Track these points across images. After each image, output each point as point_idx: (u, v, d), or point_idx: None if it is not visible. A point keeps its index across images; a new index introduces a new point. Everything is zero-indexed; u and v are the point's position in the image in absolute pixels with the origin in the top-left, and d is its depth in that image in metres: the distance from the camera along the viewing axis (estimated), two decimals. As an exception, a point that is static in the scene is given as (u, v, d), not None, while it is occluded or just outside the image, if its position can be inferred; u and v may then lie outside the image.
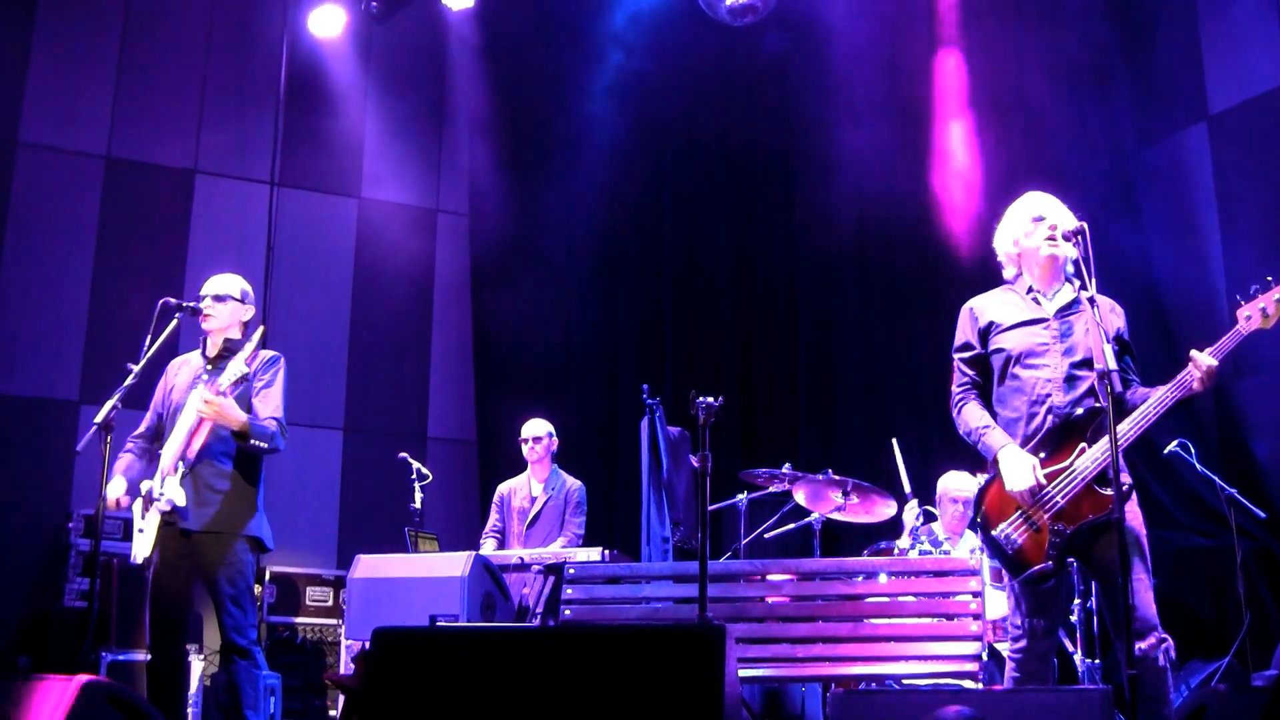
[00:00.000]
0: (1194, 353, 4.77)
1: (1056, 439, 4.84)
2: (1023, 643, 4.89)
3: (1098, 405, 4.77)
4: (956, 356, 5.22)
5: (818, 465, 7.86)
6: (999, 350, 5.06)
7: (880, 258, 10.12)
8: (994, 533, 4.88)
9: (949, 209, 9.60)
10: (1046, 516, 4.77)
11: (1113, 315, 5.09)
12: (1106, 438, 4.62)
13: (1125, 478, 4.85)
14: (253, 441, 5.96)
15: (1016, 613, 4.92)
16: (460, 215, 12.48)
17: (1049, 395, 4.92)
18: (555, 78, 11.70)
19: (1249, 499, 7.06)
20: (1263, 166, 8.21)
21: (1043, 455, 4.84)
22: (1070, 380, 4.91)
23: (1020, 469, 4.80)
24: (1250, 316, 4.80)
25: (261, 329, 6.01)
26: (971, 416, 5.06)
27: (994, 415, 5.05)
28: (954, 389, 5.19)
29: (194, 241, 11.30)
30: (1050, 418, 4.88)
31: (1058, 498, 4.77)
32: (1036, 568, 4.76)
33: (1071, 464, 4.78)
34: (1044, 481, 4.78)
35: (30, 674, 4.77)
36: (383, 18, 11.63)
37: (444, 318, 12.33)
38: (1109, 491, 4.68)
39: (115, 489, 6.04)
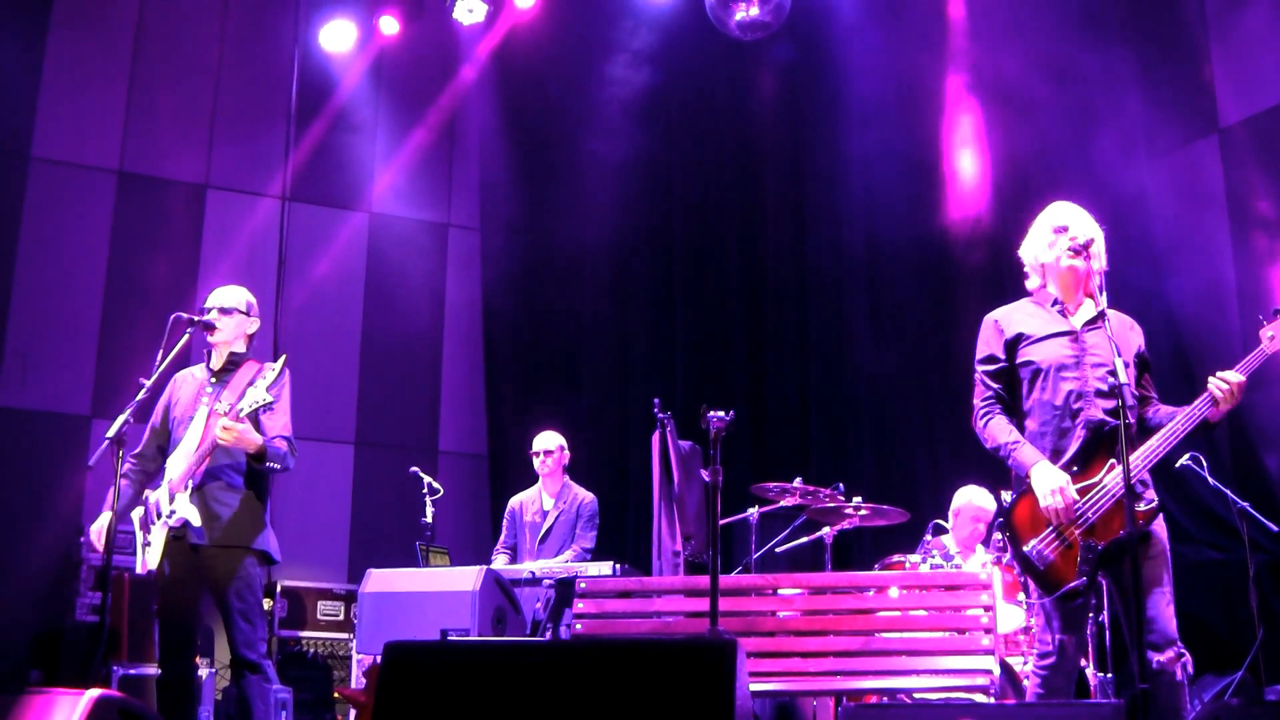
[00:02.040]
0: (1220, 373, 4.79)
1: (1087, 454, 4.83)
2: (1051, 659, 4.87)
3: (1126, 420, 4.76)
4: (981, 369, 5.17)
5: (829, 479, 7.86)
6: (1028, 363, 5.04)
7: (890, 269, 10.12)
8: (1025, 549, 4.85)
9: (959, 221, 9.60)
10: (1078, 532, 4.76)
11: (1132, 334, 5.09)
12: (1136, 452, 4.65)
13: (1151, 494, 4.85)
14: (268, 464, 5.97)
15: (1047, 630, 4.89)
16: (471, 229, 12.49)
17: (1080, 409, 4.90)
18: (566, 91, 11.73)
19: (1261, 512, 7.05)
20: (1274, 179, 8.20)
21: (1074, 470, 4.83)
22: (1099, 394, 4.91)
23: (1054, 487, 4.78)
24: (1274, 336, 4.83)
25: (284, 357, 6.01)
26: (999, 431, 5.02)
27: (1020, 428, 5.04)
28: (977, 402, 5.15)
29: (205, 256, 11.33)
30: (1082, 431, 4.87)
31: (1089, 513, 4.76)
32: (1071, 585, 4.73)
33: (1102, 479, 4.77)
34: (1077, 498, 4.77)
35: (42, 688, 4.78)
36: (394, 32, 11.67)
37: (455, 331, 12.34)
38: (1140, 507, 4.70)
39: (101, 522, 6.01)
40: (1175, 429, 4.80)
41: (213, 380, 6.21)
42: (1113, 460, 4.78)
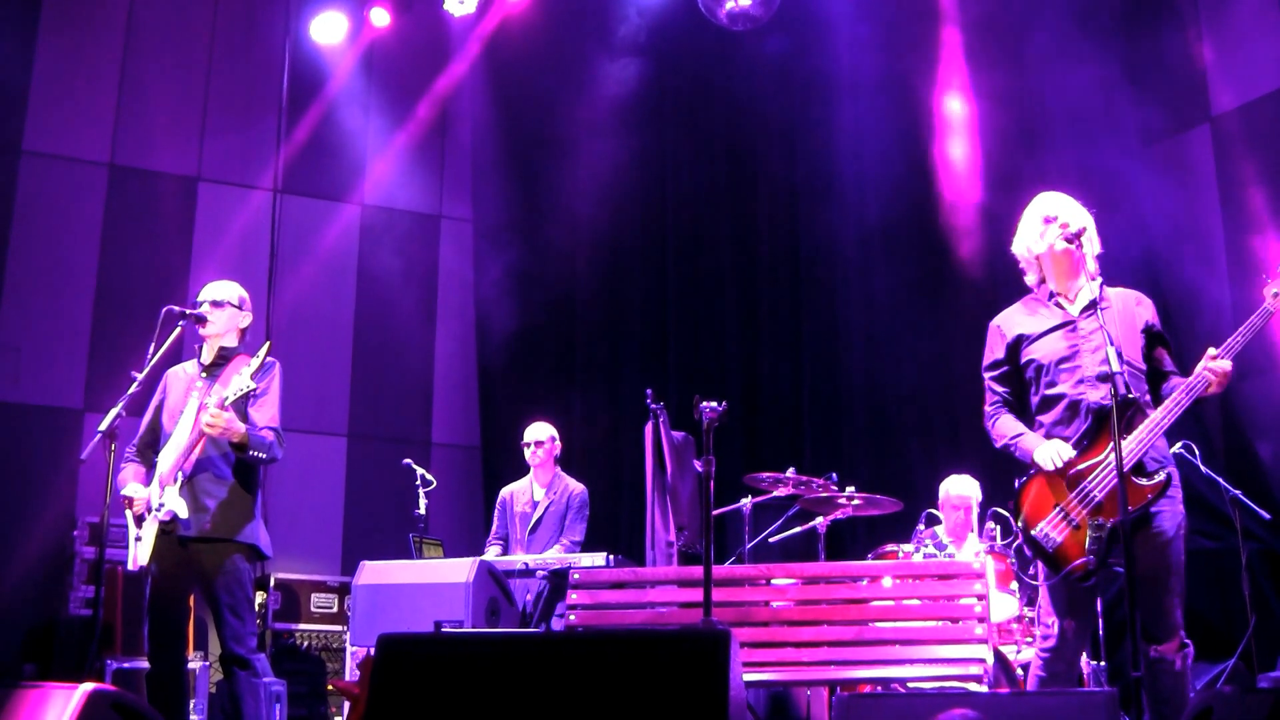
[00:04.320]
0: (1211, 355, 4.81)
1: (1091, 436, 4.87)
2: (1052, 643, 4.90)
3: (1129, 397, 4.80)
4: (987, 375, 5.26)
5: (822, 469, 7.86)
6: (1031, 361, 5.10)
7: (884, 260, 10.12)
8: (1033, 532, 4.89)
9: (952, 212, 9.60)
10: (1085, 512, 4.78)
11: (1140, 308, 5.14)
12: (1137, 431, 4.72)
13: (1167, 470, 4.86)
14: (252, 452, 5.95)
15: (1050, 614, 4.92)
16: (464, 221, 12.48)
17: (1083, 395, 4.95)
18: (558, 82, 11.71)
19: (1253, 500, 7.06)
20: (1265, 168, 8.21)
21: (1076, 452, 4.86)
22: (1101, 379, 4.93)
23: (1052, 450, 4.86)
24: (1278, 293, 4.84)
25: (268, 344, 5.99)
26: (1006, 428, 5.11)
27: (1034, 424, 5.08)
28: (986, 408, 5.24)
29: (197, 248, 11.32)
30: (1090, 417, 4.91)
31: (1095, 492, 4.78)
32: (1078, 562, 4.75)
33: (1105, 458, 4.79)
34: (1074, 453, 4.79)
35: (35, 682, 4.77)
36: (384, 24, 11.65)
37: (447, 323, 12.33)
38: (1144, 482, 4.74)
39: (141, 490, 6.03)
40: (1179, 399, 4.84)
41: (204, 375, 6.20)
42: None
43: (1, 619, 9.76)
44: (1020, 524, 4.98)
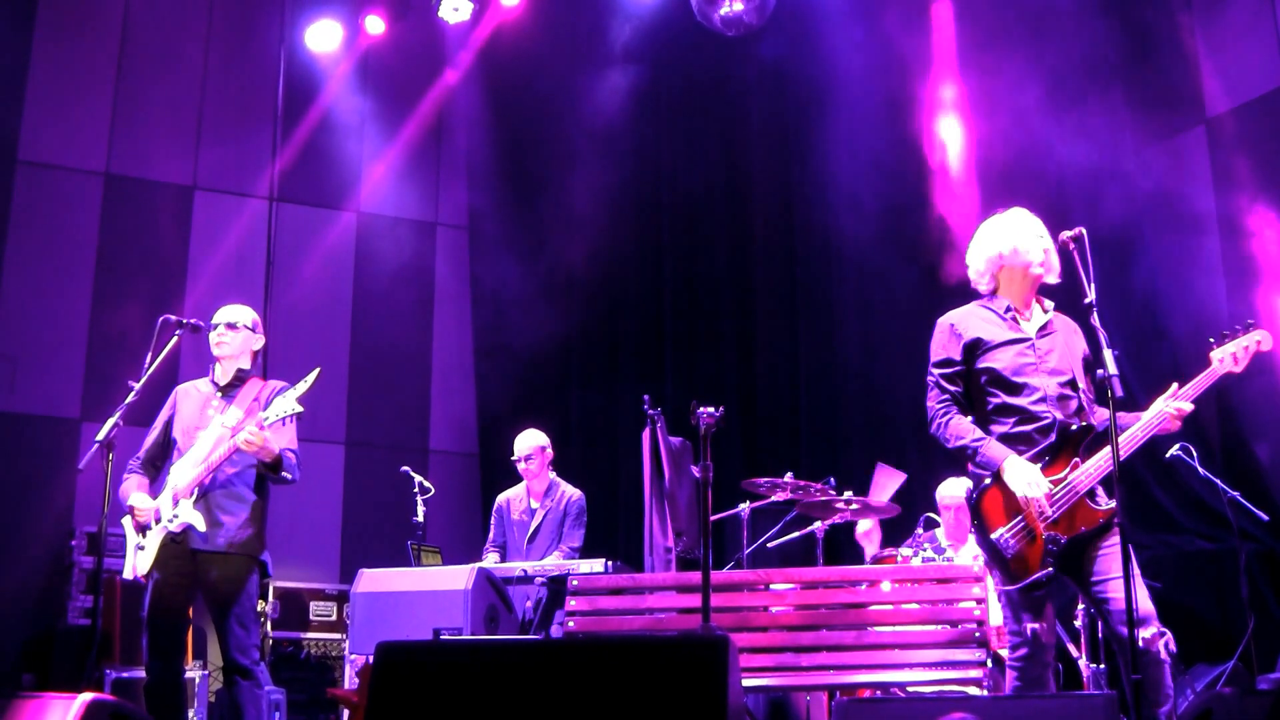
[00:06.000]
0: (1174, 395, 4.95)
1: (1054, 453, 4.89)
2: (1025, 650, 4.91)
3: (1088, 424, 4.93)
4: (937, 372, 5.22)
5: (820, 473, 7.85)
6: (987, 368, 5.10)
7: (880, 264, 10.11)
8: (993, 536, 4.90)
9: (946, 215, 9.59)
10: (1042, 526, 4.81)
11: (1077, 338, 5.20)
12: (1099, 453, 4.80)
13: (1105, 498, 4.91)
14: (281, 473, 6.03)
15: (1019, 621, 4.93)
16: (459, 228, 12.49)
17: (1045, 413, 4.96)
18: (553, 88, 11.72)
19: (1251, 501, 7.04)
20: (1261, 169, 8.21)
21: (1039, 466, 4.88)
22: (1061, 399, 5.01)
23: (1029, 477, 4.84)
24: (1223, 359, 5.03)
25: (317, 370, 5.98)
26: (963, 429, 5.07)
27: (987, 430, 5.07)
28: (934, 405, 5.19)
29: (194, 257, 11.32)
30: (1052, 434, 4.94)
31: (1051, 509, 4.82)
32: (1036, 575, 4.78)
33: (1066, 477, 4.85)
34: (1051, 489, 4.81)
35: (34, 691, 4.77)
36: (379, 31, 11.65)
37: (444, 330, 12.33)
38: (1098, 506, 4.81)
39: (147, 500, 6.05)
40: (1137, 435, 4.93)
41: (219, 394, 6.24)
42: (1076, 459, 4.90)
43: (0, 629, 9.75)
44: (977, 526, 5.01)
